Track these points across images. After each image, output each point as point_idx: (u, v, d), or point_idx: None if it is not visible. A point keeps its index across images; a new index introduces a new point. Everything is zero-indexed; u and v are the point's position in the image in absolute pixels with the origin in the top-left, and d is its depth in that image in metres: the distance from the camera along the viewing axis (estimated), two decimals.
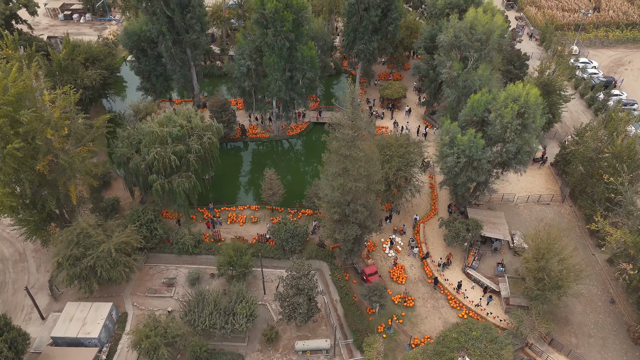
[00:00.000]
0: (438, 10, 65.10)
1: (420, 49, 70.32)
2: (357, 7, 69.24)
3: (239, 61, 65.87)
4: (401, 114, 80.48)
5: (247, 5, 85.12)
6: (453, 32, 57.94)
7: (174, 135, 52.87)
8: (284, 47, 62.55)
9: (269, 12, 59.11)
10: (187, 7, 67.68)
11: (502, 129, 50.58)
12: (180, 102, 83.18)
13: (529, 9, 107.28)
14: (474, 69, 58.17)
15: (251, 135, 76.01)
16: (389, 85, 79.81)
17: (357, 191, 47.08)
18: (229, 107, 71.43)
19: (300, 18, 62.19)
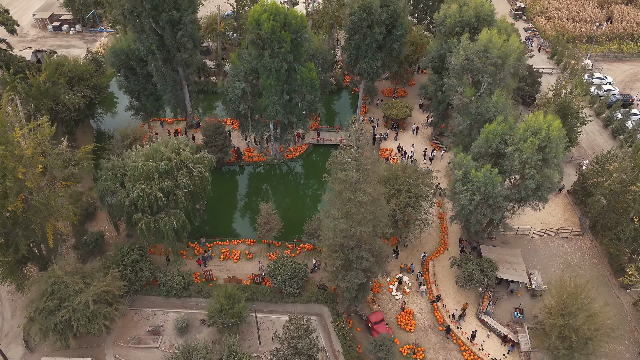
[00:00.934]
0: (447, 28, 60.45)
1: (427, 69, 65.69)
2: (360, 25, 64.59)
3: (234, 83, 61.23)
4: (406, 134, 75.86)
5: (243, 17, 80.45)
6: (465, 55, 53.33)
7: (161, 170, 48.25)
8: (281, 69, 57.98)
9: (265, 33, 54.51)
10: (177, 24, 63.08)
11: (520, 165, 45.99)
12: (172, 122, 78.55)
13: (539, 20, 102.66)
14: (487, 95, 53.57)
15: (247, 158, 71.38)
16: (393, 104, 75.17)
17: (362, 236, 42.47)
18: (223, 131, 66.78)
19: (299, 38, 57.59)
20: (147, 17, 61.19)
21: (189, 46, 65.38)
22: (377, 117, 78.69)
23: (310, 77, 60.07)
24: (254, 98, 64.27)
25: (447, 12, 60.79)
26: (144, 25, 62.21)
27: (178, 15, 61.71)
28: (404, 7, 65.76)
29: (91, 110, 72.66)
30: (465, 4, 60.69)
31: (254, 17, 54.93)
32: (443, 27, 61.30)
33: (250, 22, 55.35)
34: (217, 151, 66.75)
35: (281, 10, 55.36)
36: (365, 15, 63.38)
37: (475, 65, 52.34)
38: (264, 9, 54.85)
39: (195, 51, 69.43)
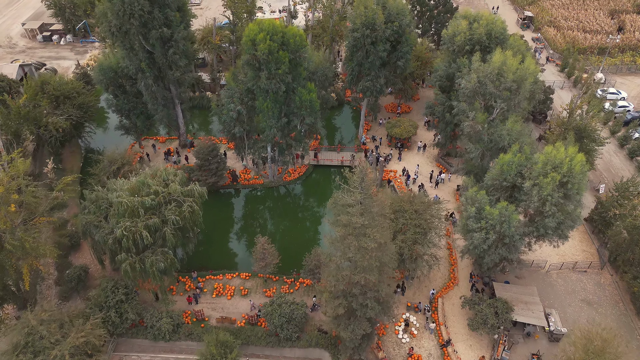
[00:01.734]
0: (456, 46, 56.52)
1: (435, 90, 61.79)
2: (363, 41, 60.69)
3: (228, 105, 57.30)
4: (411, 153, 71.90)
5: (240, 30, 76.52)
6: (477, 78, 49.43)
7: (147, 205, 44.28)
8: (279, 91, 54.06)
9: (262, 54, 50.57)
10: (169, 41, 59.20)
11: (540, 202, 42.06)
12: (165, 140, 74.60)
13: (547, 30, 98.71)
14: (500, 121, 49.68)
15: (243, 181, 67.43)
16: (397, 122, 71.25)
17: (367, 283, 38.52)
18: (217, 154, 62.81)
19: (298, 58, 53.67)
20: (136, 34, 57.30)
21: (181, 64, 61.48)
22: (380, 135, 74.78)
23: (310, 98, 56.13)
24: (250, 119, 60.45)
25: (456, 29, 56.86)
26: (133, 43, 58.29)
27: (169, 32, 57.87)
28: (409, 22, 61.86)
29: (78, 130, 68.79)
30: (475, 21, 56.80)
31: (250, 37, 51.02)
32: (452, 45, 57.36)
33: (246, 42, 51.43)
34: (211, 175, 62.91)
35: (278, 29, 51.46)
36: (369, 32, 59.48)
37: (488, 89, 48.45)
38: (260, 28, 50.93)
39: (188, 68, 65.60)
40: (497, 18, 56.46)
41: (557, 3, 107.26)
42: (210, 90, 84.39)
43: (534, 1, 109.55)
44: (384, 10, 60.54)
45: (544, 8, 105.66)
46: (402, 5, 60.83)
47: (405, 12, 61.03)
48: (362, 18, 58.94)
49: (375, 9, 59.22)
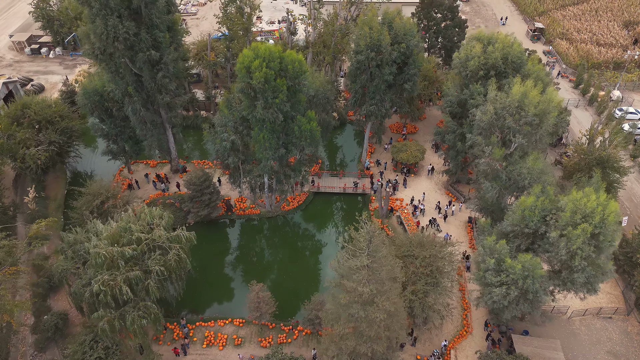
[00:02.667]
0: (470, 71, 51.91)
1: (445, 116, 57.18)
2: (368, 64, 56.15)
3: (221, 134, 52.72)
4: (418, 179, 67.29)
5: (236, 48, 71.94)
6: (494, 110, 44.84)
7: (128, 256, 39.73)
8: (276, 121, 49.54)
9: (257, 83, 46.01)
10: (158, 64, 54.66)
11: (568, 255, 37.47)
12: (156, 164, 70.00)
13: (559, 43, 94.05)
14: (520, 156, 45.09)
15: (239, 211, 62.88)
16: (403, 147, 66.66)
17: (375, 354, 33.96)
18: (210, 184, 58.25)
19: (297, 85, 49.12)
20: (122, 58, 52.81)
21: (171, 87, 56.98)
22: (385, 159, 70.19)
23: (310, 128, 51.55)
24: (245, 147, 55.85)
25: (469, 52, 52.27)
26: (119, 66, 53.84)
27: (157, 55, 53.31)
28: (417, 42, 57.26)
29: (62, 157, 64.26)
30: (490, 44, 52.21)
31: (244, 64, 46.45)
32: (464, 70, 52.76)
33: (240, 69, 46.85)
34: (204, 207, 58.40)
35: (275, 54, 46.87)
36: (374, 55, 54.90)
37: (506, 123, 43.86)
38: (256, 54, 46.36)
39: (179, 91, 61.06)
40: (514, 41, 51.85)
41: (568, 14, 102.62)
42: (205, 109, 79.87)
43: (544, 12, 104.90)
44: (390, 31, 55.99)
45: (555, 19, 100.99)
46: (409, 25, 56.25)
47: (413, 32, 56.42)
48: (366, 40, 54.35)
49: (381, 29, 54.66)
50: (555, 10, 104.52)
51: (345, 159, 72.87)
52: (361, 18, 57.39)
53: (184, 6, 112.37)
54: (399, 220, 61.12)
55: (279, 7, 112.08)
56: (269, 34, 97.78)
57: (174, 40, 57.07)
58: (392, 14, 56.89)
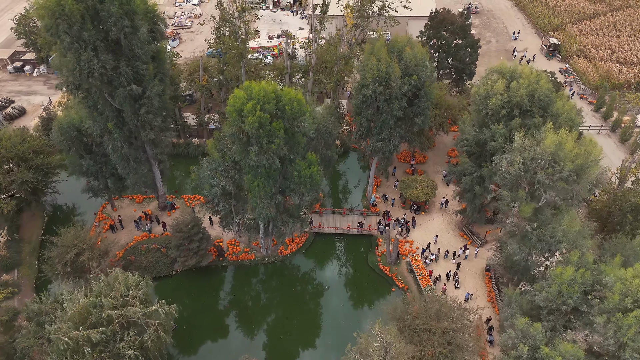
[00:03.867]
0: (491, 110, 46.05)
1: (462, 156, 51.31)
2: (375, 99, 50.37)
3: (211, 180, 46.91)
4: (429, 217, 61.47)
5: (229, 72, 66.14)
6: (522, 161, 38.99)
7: (96, 341, 33.95)
8: (272, 167, 43.78)
9: (251, 128, 40.19)
10: (141, 98, 48.87)
11: (616, 345, 31.65)
12: (142, 199, 64.20)
13: (577, 61, 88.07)
14: (552, 214, 39.25)
15: (231, 256, 57.09)
16: (413, 182, 60.83)
17: None
18: (199, 230, 52.48)
19: (296, 127, 43.29)
20: (100, 93, 47.12)
21: (156, 124, 51.15)
22: (392, 195, 64.35)
23: (310, 173, 45.71)
24: (239, 190, 50.01)
25: (489, 88, 46.40)
26: (97, 101, 48.12)
27: (140, 90, 47.52)
28: (430, 73, 51.45)
29: (37, 195, 58.52)
30: (513, 79, 46.34)
31: (235, 106, 40.63)
32: (485, 108, 46.90)
33: (230, 112, 41.01)
34: (192, 255, 52.65)
35: (271, 95, 41.05)
36: (382, 89, 49.09)
37: (537, 178, 38.01)
38: (248, 95, 40.54)
39: (166, 124, 55.21)
40: (541, 76, 45.92)
41: (585, 28, 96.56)
42: (197, 136, 74.06)
43: (559, 26, 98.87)
44: (400, 62, 50.15)
45: (571, 34, 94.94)
46: (421, 54, 50.37)
47: (425, 62, 50.61)
48: (373, 73, 48.49)
49: (390, 61, 48.80)
50: (571, 25, 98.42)
51: (348, 192, 67.01)
52: (367, 47, 51.38)
53: (178, 18, 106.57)
54: (409, 267, 55.33)
55: (278, 20, 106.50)
56: (267, 50, 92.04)
57: (160, 71, 51.25)
58: (402, 42, 51.04)
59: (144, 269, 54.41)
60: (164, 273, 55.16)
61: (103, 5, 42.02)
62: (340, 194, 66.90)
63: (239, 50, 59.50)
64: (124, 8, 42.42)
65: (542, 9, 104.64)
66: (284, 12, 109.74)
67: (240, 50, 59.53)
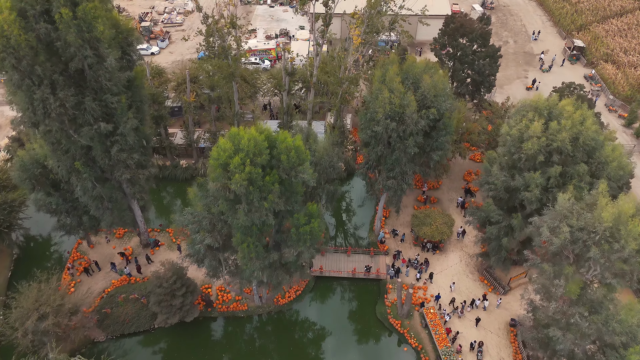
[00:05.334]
0: (525, 155, 38.74)
1: (487, 203, 44.03)
2: (386, 134, 43.10)
3: (194, 236, 39.89)
4: (444, 257, 54.67)
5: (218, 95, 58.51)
6: (569, 231, 31.91)
7: None
8: (264, 226, 36.83)
9: (239, 187, 33.05)
10: (112, 134, 41.57)
11: None
12: (123, 234, 57.34)
13: (604, 67, 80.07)
14: (604, 295, 32.35)
15: (220, 306, 50.45)
16: (426, 218, 53.83)
17: None
18: (184, 283, 45.71)
19: (293, 178, 36.17)
20: (62, 131, 39.93)
21: (131, 162, 43.93)
22: (403, 230, 57.44)
23: (310, 229, 38.67)
24: (227, 239, 42.98)
25: (522, 129, 39.04)
26: (59, 139, 40.94)
27: (110, 127, 40.23)
28: (451, 104, 44.00)
29: (1, 234, 51.68)
30: (552, 116, 38.98)
31: (220, 160, 33.39)
32: (517, 152, 39.60)
33: (214, 166, 33.79)
34: (175, 312, 46.02)
35: (263, 145, 33.81)
36: (395, 126, 41.73)
37: (591, 255, 30.97)
38: (236, 146, 33.28)
39: (145, 158, 47.97)
40: (586, 115, 38.51)
41: (612, 28, 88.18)
42: (186, 155, 66.89)
43: (583, 26, 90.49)
44: (416, 92, 42.67)
45: (596, 36, 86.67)
46: (441, 83, 42.74)
47: (445, 92, 43.11)
48: (385, 107, 41.04)
49: (405, 93, 41.28)
50: (597, 24, 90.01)
51: (353, 225, 60.00)
52: (377, 74, 43.71)
53: (168, 15, 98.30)
54: (422, 321, 48.67)
55: (277, 17, 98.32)
56: (264, 53, 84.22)
57: (136, 99, 43.86)
58: (419, 68, 43.41)
59: (122, 323, 48.00)
60: (144, 327, 48.60)
61: (58, 33, 34.55)
62: (344, 226, 59.94)
63: (229, 70, 51.82)
64: (84, 36, 34.87)
65: (564, 5, 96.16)
66: (283, 7, 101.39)
67: (231, 70, 51.86)
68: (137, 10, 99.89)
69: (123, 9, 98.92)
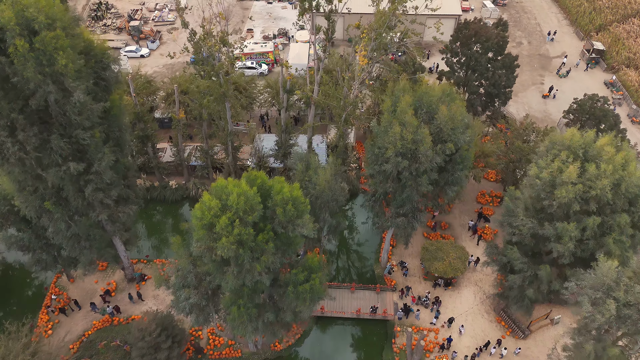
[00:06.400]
0: (557, 202, 33.71)
1: (510, 249, 39.01)
2: (397, 172, 38.04)
3: (178, 292, 35.11)
4: (456, 294, 50.01)
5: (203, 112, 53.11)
6: (615, 307, 27.06)
7: None
8: (258, 284, 32.08)
9: (227, 251, 28.17)
10: (85, 172, 36.52)
11: None
12: (106, 266, 52.57)
13: (626, 73, 74.51)
14: None
15: (211, 353, 45.86)
16: (438, 252, 49.02)
17: None
18: (170, 334, 40.96)
19: (291, 232, 31.28)
20: (27, 173, 34.94)
21: (109, 201, 38.99)
22: (411, 261, 52.69)
23: (310, 286, 33.89)
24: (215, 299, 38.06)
25: (555, 172, 33.91)
26: (26, 173, 35.93)
27: (82, 166, 35.19)
28: (469, 137, 38.80)
29: None
30: (588, 158, 33.87)
31: (204, 220, 28.40)
32: (547, 197, 34.56)
33: (197, 227, 28.79)
34: None
35: (255, 200, 28.81)
36: (407, 164, 36.64)
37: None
38: (222, 204, 28.30)
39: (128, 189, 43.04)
40: (628, 157, 33.38)
41: (634, 29, 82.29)
42: (176, 173, 61.81)
43: (602, 26, 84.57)
44: (431, 124, 37.47)
45: (617, 37, 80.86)
46: (459, 114, 37.37)
47: (464, 124, 37.87)
48: (396, 145, 35.88)
49: (419, 127, 36.08)
50: (617, 24, 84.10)
51: (357, 255, 55.20)
52: (387, 104, 38.36)
53: (160, 12, 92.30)
54: None
55: (275, 14, 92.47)
56: (261, 56, 78.63)
57: (114, 129, 38.73)
58: (435, 95, 38.07)
59: None
60: None
61: (14, 69, 29.35)
62: (347, 256, 55.14)
63: (220, 90, 46.50)
64: (45, 71, 29.64)
65: (581, 2, 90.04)
66: (282, 4, 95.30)
67: (223, 89, 46.52)
68: (127, 6, 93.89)
69: (112, 5, 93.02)
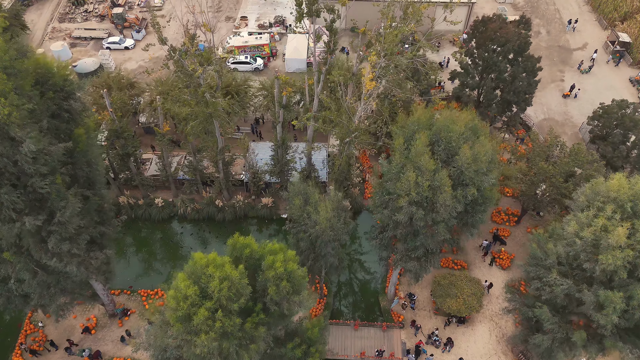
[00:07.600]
0: (602, 267, 28.59)
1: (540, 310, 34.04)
2: (410, 221, 32.80)
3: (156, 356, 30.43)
4: (470, 330, 45.54)
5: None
6: None
7: None
8: None
9: (205, 351, 23.26)
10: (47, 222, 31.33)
11: None
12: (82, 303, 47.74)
13: None
14: None
15: None
16: (450, 287, 44.40)
17: None
18: None
19: (286, 310, 26.35)
20: None
21: (78, 252, 33.96)
22: (420, 292, 48.03)
23: None
24: None
25: (600, 233, 28.64)
26: None
27: (41, 219, 30.04)
28: (494, 179, 33.38)
29: None
30: (636, 210, 28.59)
31: (179, 312, 23.38)
32: (589, 260, 29.40)
33: (171, 319, 23.78)
34: None
35: (242, 282, 23.74)
36: (423, 215, 31.34)
37: None
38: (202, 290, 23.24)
39: (103, 226, 38.00)
40: None
41: None
42: (163, 188, 56.57)
43: (628, 14, 77.61)
44: (450, 165, 31.98)
45: None
46: (483, 154, 31.81)
47: (488, 165, 32.40)
48: (410, 193, 30.47)
49: (436, 170, 30.61)
50: None
51: (361, 286, 50.39)
52: (398, 141, 32.68)
53: None
54: None
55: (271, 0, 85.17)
56: (256, 49, 72.19)
57: (82, 167, 33.41)
58: (457, 131, 32.35)
59: None
60: None
61: None
62: (350, 287, 50.34)
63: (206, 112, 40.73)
64: None
65: None
66: None
67: (209, 111, 40.74)
68: None
69: None
